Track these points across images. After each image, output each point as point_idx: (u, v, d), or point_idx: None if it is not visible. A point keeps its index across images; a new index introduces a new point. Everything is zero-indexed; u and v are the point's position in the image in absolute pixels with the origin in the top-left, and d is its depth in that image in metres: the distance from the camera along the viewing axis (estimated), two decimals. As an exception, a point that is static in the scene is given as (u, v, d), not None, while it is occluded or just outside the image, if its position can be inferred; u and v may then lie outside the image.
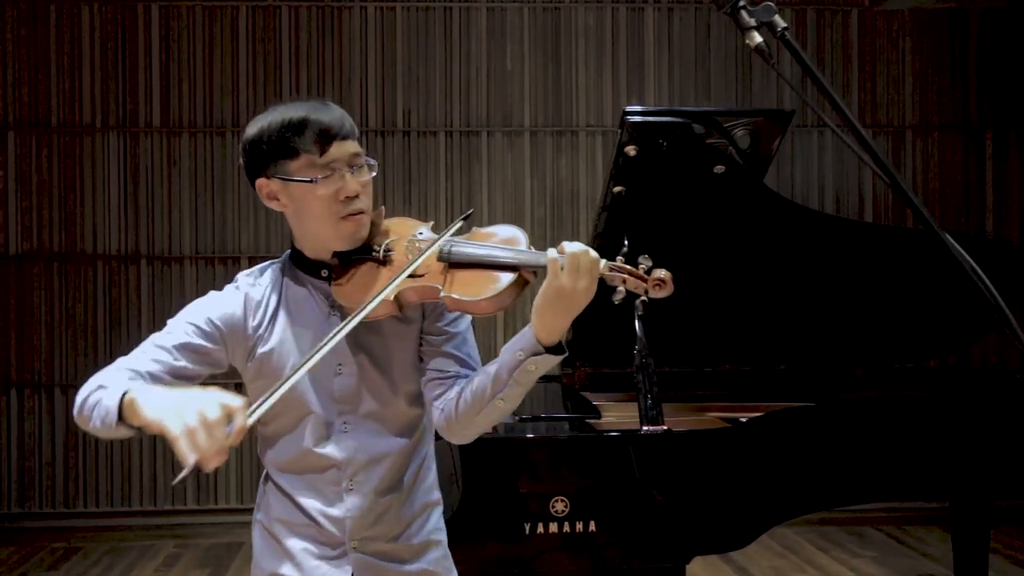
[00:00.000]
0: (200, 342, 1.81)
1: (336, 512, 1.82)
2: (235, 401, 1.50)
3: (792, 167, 6.50)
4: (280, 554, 1.85)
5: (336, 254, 1.83)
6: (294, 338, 1.84)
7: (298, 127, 1.76)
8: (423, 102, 6.32)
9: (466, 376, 1.81)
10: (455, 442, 1.85)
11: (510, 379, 1.67)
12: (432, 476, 1.94)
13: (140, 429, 1.62)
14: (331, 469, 1.82)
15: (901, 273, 3.48)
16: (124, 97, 6.20)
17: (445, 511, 1.98)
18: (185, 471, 1.46)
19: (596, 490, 2.54)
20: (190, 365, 1.80)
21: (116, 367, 1.74)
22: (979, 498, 3.36)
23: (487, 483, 2.54)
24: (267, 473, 1.91)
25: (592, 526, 2.52)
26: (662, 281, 1.65)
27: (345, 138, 1.79)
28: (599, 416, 3.03)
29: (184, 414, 1.47)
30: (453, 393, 1.78)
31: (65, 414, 6.11)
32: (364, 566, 1.83)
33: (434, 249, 1.75)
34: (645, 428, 2.60)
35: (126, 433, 1.65)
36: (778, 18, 1.30)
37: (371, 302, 1.70)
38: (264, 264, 1.94)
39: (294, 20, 6.27)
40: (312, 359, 1.64)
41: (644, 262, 1.67)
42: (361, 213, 1.81)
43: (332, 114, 1.79)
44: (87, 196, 6.18)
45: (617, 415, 3.14)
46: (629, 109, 2.66)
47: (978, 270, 1.19)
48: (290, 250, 1.91)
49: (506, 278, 1.70)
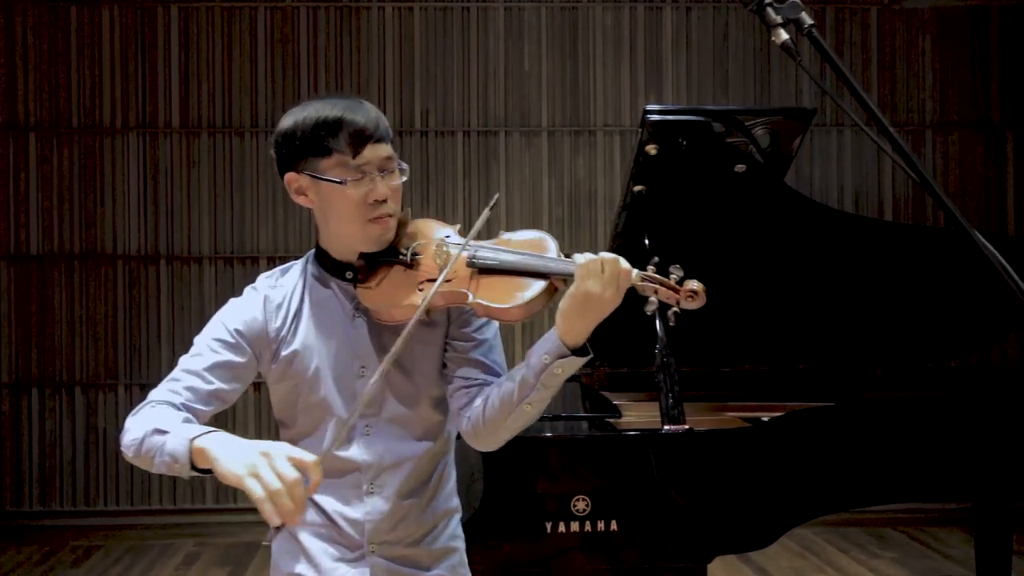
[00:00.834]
0: (228, 357, 1.81)
1: (356, 515, 1.82)
2: (304, 455, 1.55)
3: (811, 166, 6.47)
4: (298, 555, 1.85)
5: (362, 255, 1.82)
6: (318, 340, 1.83)
7: (333, 126, 1.75)
8: (441, 102, 6.33)
9: (489, 383, 1.80)
10: (482, 449, 1.84)
11: (537, 383, 1.68)
12: (452, 482, 1.93)
13: (208, 471, 1.64)
14: (353, 472, 1.82)
15: (921, 272, 3.46)
16: (144, 98, 6.24)
17: (466, 510, 1.98)
18: (271, 533, 1.53)
19: (617, 489, 2.53)
20: (224, 385, 1.80)
21: (159, 402, 1.74)
22: (1002, 499, 3.34)
23: (509, 482, 2.54)
24: None
25: (613, 525, 2.51)
26: (694, 292, 1.65)
27: (379, 141, 1.78)
28: (619, 415, 3.03)
29: (263, 475, 1.51)
30: (479, 401, 1.78)
31: (86, 413, 6.15)
32: (382, 570, 1.83)
33: (464, 254, 1.74)
34: (666, 427, 2.59)
35: (195, 476, 1.68)
36: (805, 15, 1.29)
37: (416, 312, 1.68)
38: (287, 265, 1.93)
39: (312, 21, 6.29)
40: (376, 376, 1.66)
41: (675, 272, 1.67)
42: (389, 216, 1.79)
43: (368, 115, 1.78)
44: (107, 196, 6.21)
45: (637, 415, 3.13)
46: (650, 108, 2.65)
47: (1009, 269, 1.18)
48: (314, 249, 1.90)
49: (536, 286, 1.69)
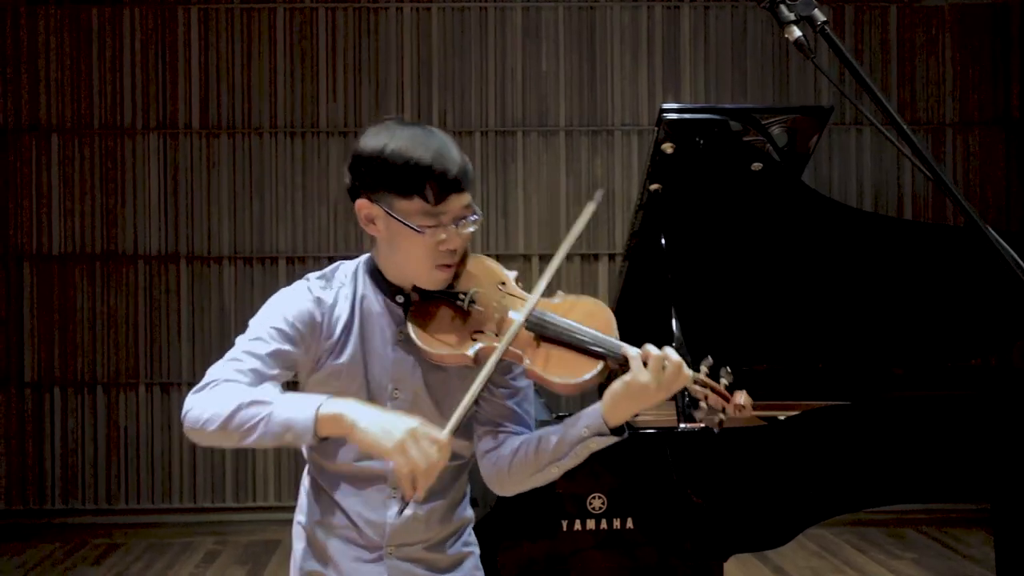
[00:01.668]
0: (286, 347, 1.78)
1: (377, 518, 1.83)
2: (438, 435, 1.60)
3: (830, 165, 6.45)
4: (319, 555, 1.88)
5: (418, 289, 1.81)
6: (363, 356, 1.82)
7: (422, 172, 1.70)
8: (459, 102, 6.34)
9: (517, 433, 1.83)
10: (498, 493, 1.88)
11: (570, 452, 1.74)
12: (468, 492, 1.96)
13: (325, 439, 1.65)
14: (378, 481, 1.84)
15: (940, 271, 3.45)
16: (164, 99, 6.28)
17: (483, 509, 2.00)
18: (401, 505, 1.64)
19: (633, 488, 2.54)
20: (279, 371, 1.78)
21: (227, 380, 1.70)
22: (1020, 499, 3.32)
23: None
24: (309, 476, 1.92)
25: (630, 523, 2.52)
26: (742, 407, 1.68)
27: (462, 191, 1.75)
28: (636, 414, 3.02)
29: (411, 454, 1.56)
30: (507, 450, 1.81)
31: (107, 412, 6.20)
32: (400, 571, 1.85)
33: (528, 312, 1.73)
34: (682, 426, 2.59)
35: (302, 443, 1.66)
36: (818, 12, 1.29)
37: (476, 384, 1.69)
38: (331, 268, 1.88)
39: (331, 21, 6.32)
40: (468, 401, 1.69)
41: (725, 378, 1.69)
42: (454, 264, 1.79)
43: (457, 164, 1.73)
44: (128, 197, 6.26)
45: (654, 413, 3.13)
46: (666, 106, 2.66)
47: None
48: (368, 261, 1.87)
49: (595, 367, 1.71)
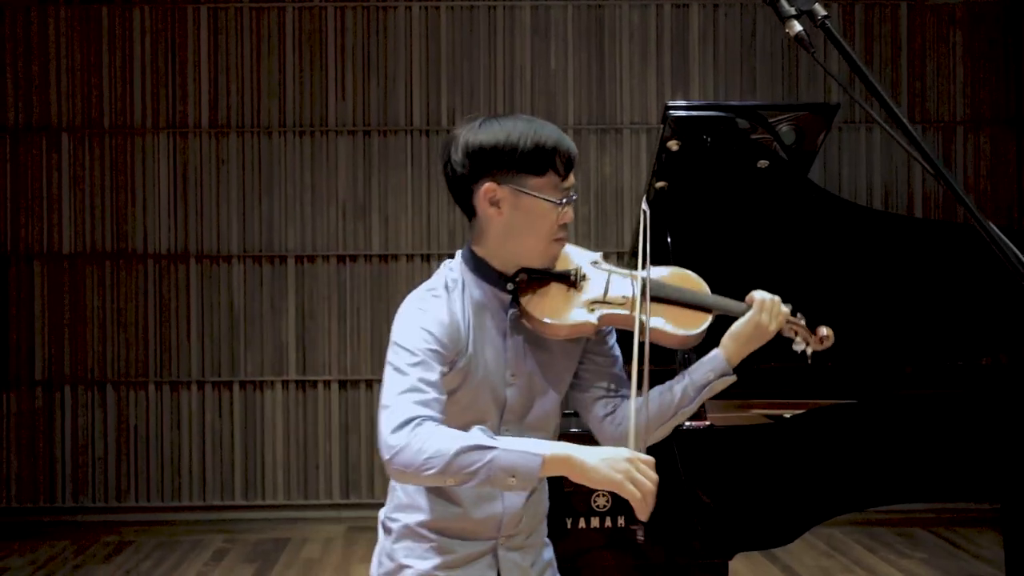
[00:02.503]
0: (444, 368, 1.85)
1: (495, 510, 1.92)
2: (649, 459, 1.73)
3: (840, 164, 6.43)
4: (434, 553, 1.92)
5: (526, 270, 1.92)
6: (481, 348, 1.91)
7: (552, 149, 1.87)
8: (467, 100, 6.34)
9: (627, 396, 1.97)
10: None
11: (696, 397, 1.95)
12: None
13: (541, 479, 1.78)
14: None
15: (950, 268, 3.43)
16: (173, 98, 6.30)
17: None
18: (640, 529, 1.80)
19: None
20: (446, 396, 1.84)
21: (426, 418, 1.74)
22: (1031, 499, 3.30)
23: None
24: None
25: (620, 522, 2.51)
26: (825, 337, 1.98)
27: (574, 170, 1.94)
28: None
29: (638, 480, 1.70)
30: (627, 411, 1.95)
31: (117, 410, 6.23)
32: (507, 561, 1.95)
33: (645, 279, 1.92)
34: (687, 423, 2.58)
35: (523, 488, 1.76)
36: (818, 6, 1.29)
37: (637, 319, 1.87)
38: (440, 274, 1.95)
39: (340, 20, 6.33)
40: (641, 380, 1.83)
41: (802, 318, 1.99)
42: (564, 239, 1.96)
43: (573, 145, 1.93)
44: (138, 196, 6.28)
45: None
46: (671, 104, 2.66)
47: None
48: (467, 256, 1.95)
49: (707, 320, 1.95)
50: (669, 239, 2.82)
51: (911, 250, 3.41)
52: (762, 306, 1.94)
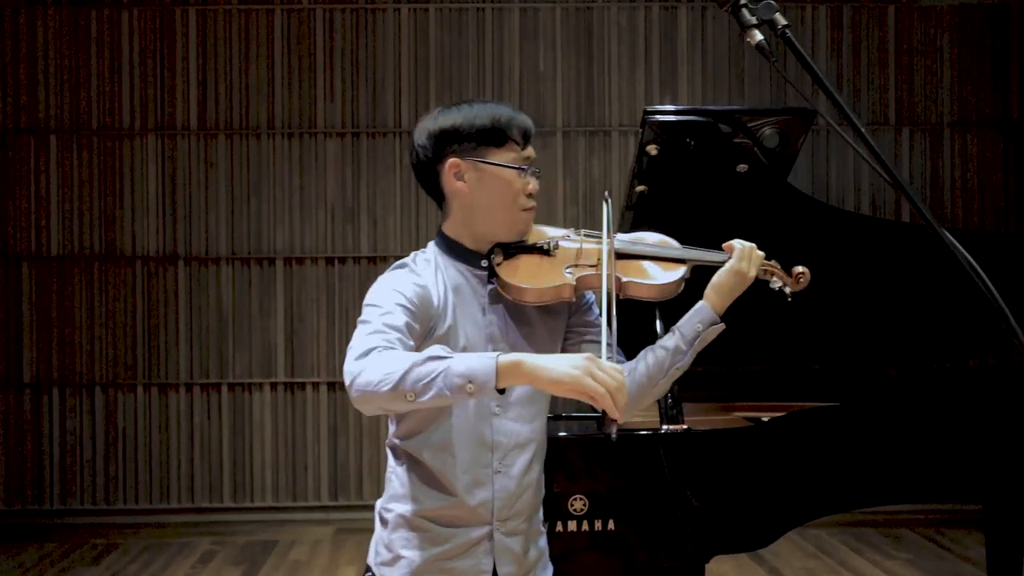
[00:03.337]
0: (412, 322, 1.88)
1: (486, 494, 1.93)
2: (591, 355, 1.71)
3: (827, 167, 6.45)
4: (429, 542, 1.94)
5: (500, 245, 1.99)
6: (460, 323, 1.95)
7: (508, 121, 1.97)
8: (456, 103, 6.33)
9: (617, 362, 1.94)
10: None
11: (689, 349, 2.02)
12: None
13: (503, 391, 1.71)
14: (484, 452, 1.94)
15: (933, 271, 3.44)
16: (162, 100, 6.30)
17: None
18: (612, 427, 1.69)
19: (614, 489, 2.54)
20: (414, 343, 1.86)
21: (386, 347, 1.76)
22: (1012, 500, 3.31)
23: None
24: (410, 460, 1.96)
25: (611, 525, 2.52)
26: (802, 274, 2.08)
27: (531, 143, 2.02)
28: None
29: (598, 375, 1.66)
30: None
31: (105, 412, 6.22)
32: (502, 547, 1.95)
33: (614, 238, 1.98)
34: (665, 427, 2.60)
35: (482, 393, 1.72)
36: (779, 16, 1.29)
37: (604, 271, 1.89)
38: (411, 256, 2.01)
39: (328, 22, 6.33)
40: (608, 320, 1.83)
41: (776, 264, 2.08)
42: (532, 209, 2.01)
43: (529, 120, 2.02)
44: (126, 198, 6.28)
45: (642, 416, 3.13)
46: (649, 108, 2.67)
47: (976, 267, 1.18)
48: (440, 239, 2.02)
49: (681, 269, 2.02)
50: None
51: (895, 253, 3.42)
52: (741, 254, 2.03)
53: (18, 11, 6.25)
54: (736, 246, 2.05)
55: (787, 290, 2.07)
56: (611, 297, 1.86)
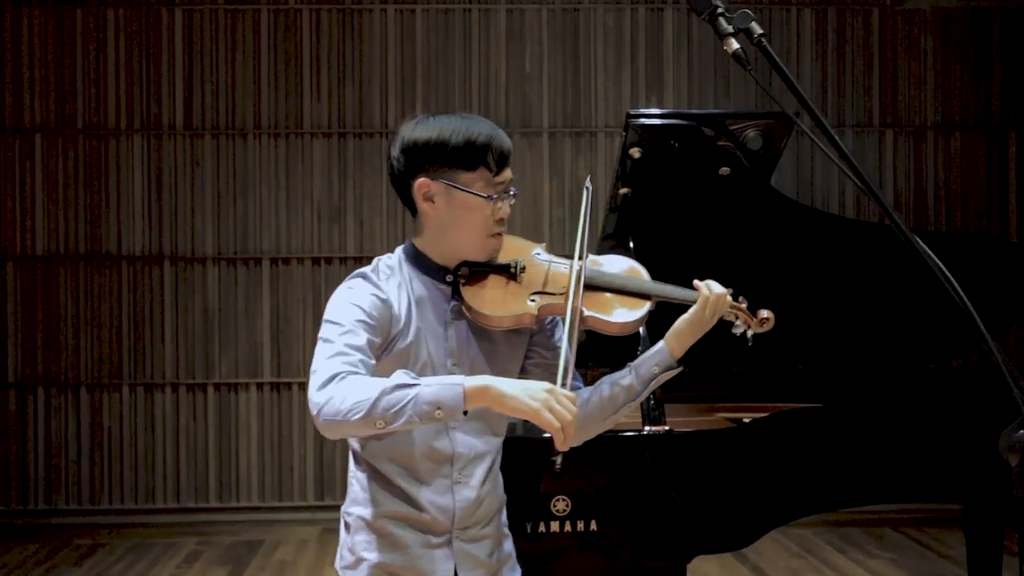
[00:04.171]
0: (374, 338, 1.87)
1: (446, 503, 1.94)
2: (568, 393, 1.76)
3: (812, 171, 6.48)
4: (387, 545, 1.95)
5: (468, 263, 1.96)
6: (422, 337, 1.94)
7: (483, 145, 1.91)
8: (443, 103, 6.36)
9: (576, 387, 1.98)
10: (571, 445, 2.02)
11: (644, 390, 1.98)
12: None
13: (466, 413, 1.76)
14: (443, 463, 1.94)
15: (917, 273, 3.47)
16: (148, 100, 6.29)
17: None
18: (559, 458, 1.76)
19: (596, 490, 2.56)
20: (375, 361, 1.86)
21: (349, 373, 1.77)
22: (991, 499, 3.35)
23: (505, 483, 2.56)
24: (370, 467, 1.98)
25: (593, 525, 2.54)
26: (766, 319, 1.99)
27: (509, 165, 1.96)
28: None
29: (556, 409, 1.72)
30: (578, 403, 1.93)
31: (90, 412, 6.21)
32: (463, 553, 1.96)
33: (583, 270, 1.93)
34: (647, 428, 2.62)
35: (451, 419, 1.77)
36: (755, 24, 1.31)
37: (569, 303, 1.86)
38: (373, 264, 2.00)
39: (315, 23, 6.34)
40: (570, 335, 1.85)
41: (743, 301, 2.00)
42: (503, 233, 1.98)
43: (507, 141, 1.96)
44: (112, 197, 6.27)
45: (626, 416, 3.15)
46: (633, 112, 2.69)
47: (944, 270, 1.20)
48: (408, 249, 2.00)
49: (645, 306, 1.96)
50: (632, 244, 2.85)
51: (878, 255, 3.44)
52: (706, 303, 1.94)
53: (2, 10, 6.23)
54: (703, 292, 1.95)
55: (749, 333, 1.98)
56: (573, 326, 1.85)
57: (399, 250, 2.02)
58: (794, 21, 6.48)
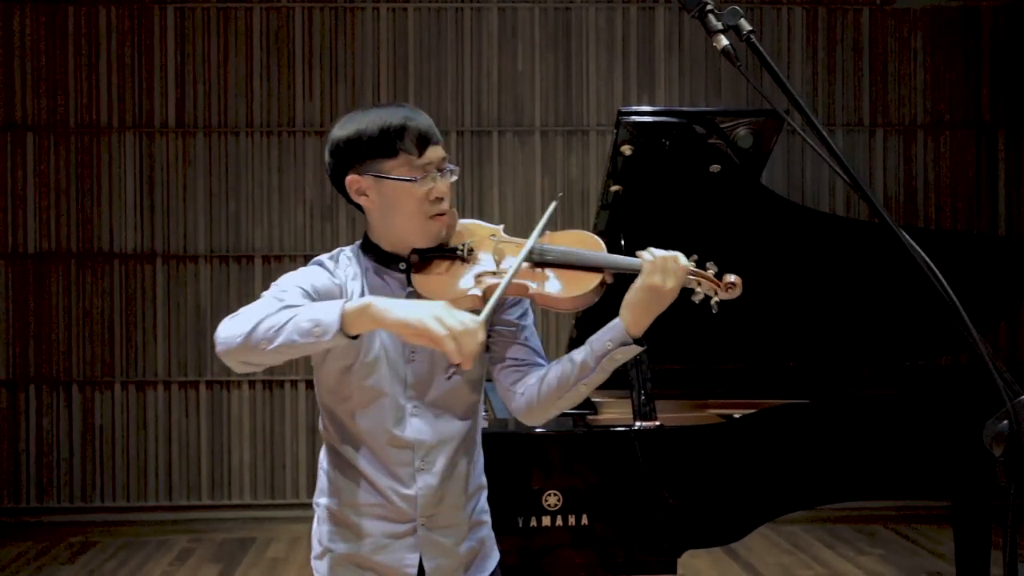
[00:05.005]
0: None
1: (409, 491, 1.93)
2: (458, 310, 1.71)
3: (802, 168, 6.51)
4: (351, 535, 1.96)
5: (416, 250, 1.95)
6: (377, 329, 1.92)
7: (399, 130, 1.90)
8: (434, 102, 6.37)
9: (538, 365, 1.97)
10: (530, 424, 1.99)
11: (596, 367, 1.86)
12: (482, 460, 2.06)
13: (356, 338, 1.73)
14: (404, 450, 1.94)
15: (906, 270, 3.49)
16: (140, 98, 6.29)
17: None
18: (451, 369, 1.69)
19: (587, 485, 2.57)
20: None
21: (267, 305, 1.79)
22: (979, 495, 3.37)
23: (496, 478, 2.58)
24: (334, 458, 1.99)
25: (584, 520, 2.56)
26: (732, 284, 1.85)
27: (436, 143, 1.94)
28: (595, 412, 3.07)
29: (445, 319, 1.66)
30: (533, 379, 1.94)
31: (82, 410, 6.21)
32: (429, 542, 1.95)
33: (530, 247, 1.89)
34: (638, 424, 2.63)
35: (326, 346, 1.75)
36: (744, 22, 1.33)
37: (504, 281, 1.83)
38: (333, 253, 2.03)
39: (307, 21, 6.34)
40: (501, 287, 1.83)
41: (711, 267, 1.86)
42: (445, 214, 1.95)
43: (426, 120, 1.95)
44: (104, 196, 6.27)
45: (618, 411, 3.17)
46: (624, 109, 2.70)
47: (932, 266, 1.22)
48: (362, 241, 2.02)
49: (595, 280, 1.87)
50: (623, 242, 2.87)
51: (868, 252, 3.46)
52: (653, 267, 1.82)
53: (-5, 8, 6.23)
54: (646, 258, 1.83)
55: (713, 300, 1.84)
56: (503, 296, 1.84)
57: (356, 242, 2.04)
58: (785, 20, 6.51)
